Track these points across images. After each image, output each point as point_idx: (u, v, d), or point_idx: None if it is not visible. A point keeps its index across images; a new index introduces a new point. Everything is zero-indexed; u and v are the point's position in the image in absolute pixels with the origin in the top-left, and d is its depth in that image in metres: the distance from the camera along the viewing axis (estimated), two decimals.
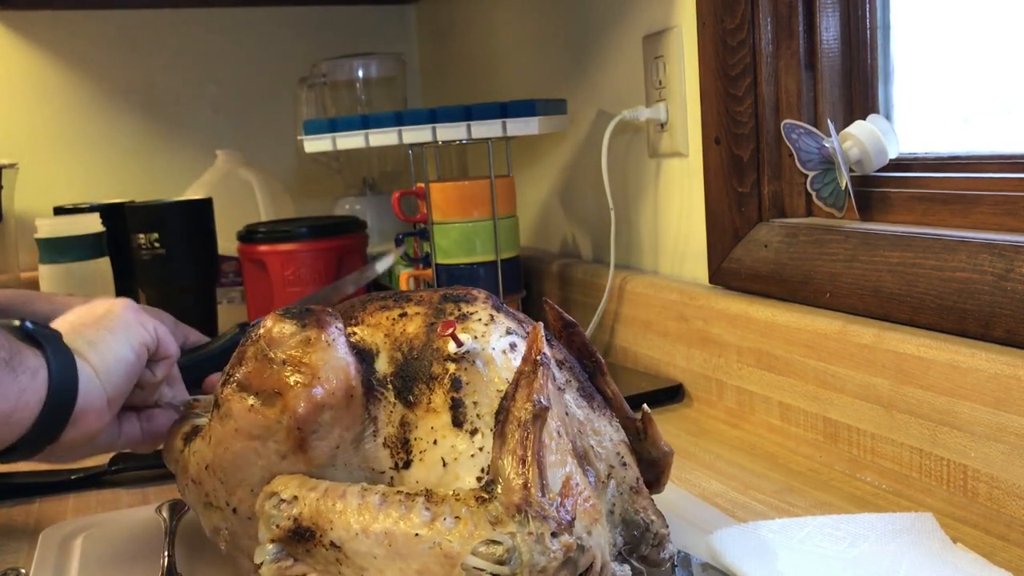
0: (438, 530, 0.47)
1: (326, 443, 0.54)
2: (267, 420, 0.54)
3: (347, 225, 1.38)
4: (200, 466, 0.59)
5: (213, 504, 0.58)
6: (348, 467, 0.55)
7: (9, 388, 0.57)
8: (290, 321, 0.57)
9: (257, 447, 0.55)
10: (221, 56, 1.75)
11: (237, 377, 0.56)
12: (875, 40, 0.91)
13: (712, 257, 1.02)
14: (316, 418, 0.54)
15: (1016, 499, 0.65)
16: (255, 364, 0.56)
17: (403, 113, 1.12)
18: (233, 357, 0.58)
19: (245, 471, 0.55)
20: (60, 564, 0.69)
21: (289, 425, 0.54)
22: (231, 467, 0.56)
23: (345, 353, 0.56)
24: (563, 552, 0.47)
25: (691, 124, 1.05)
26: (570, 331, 0.64)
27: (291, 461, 0.54)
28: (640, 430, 0.62)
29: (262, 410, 0.54)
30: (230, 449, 0.56)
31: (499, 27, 1.52)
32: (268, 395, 0.54)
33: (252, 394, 0.55)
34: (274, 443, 0.54)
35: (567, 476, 0.51)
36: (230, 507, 0.57)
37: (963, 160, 0.83)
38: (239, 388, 0.56)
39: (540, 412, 0.49)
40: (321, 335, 0.56)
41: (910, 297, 0.76)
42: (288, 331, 0.56)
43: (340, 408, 0.54)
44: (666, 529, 0.58)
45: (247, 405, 0.55)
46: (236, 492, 0.56)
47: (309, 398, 0.54)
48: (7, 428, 0.58)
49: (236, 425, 0.55)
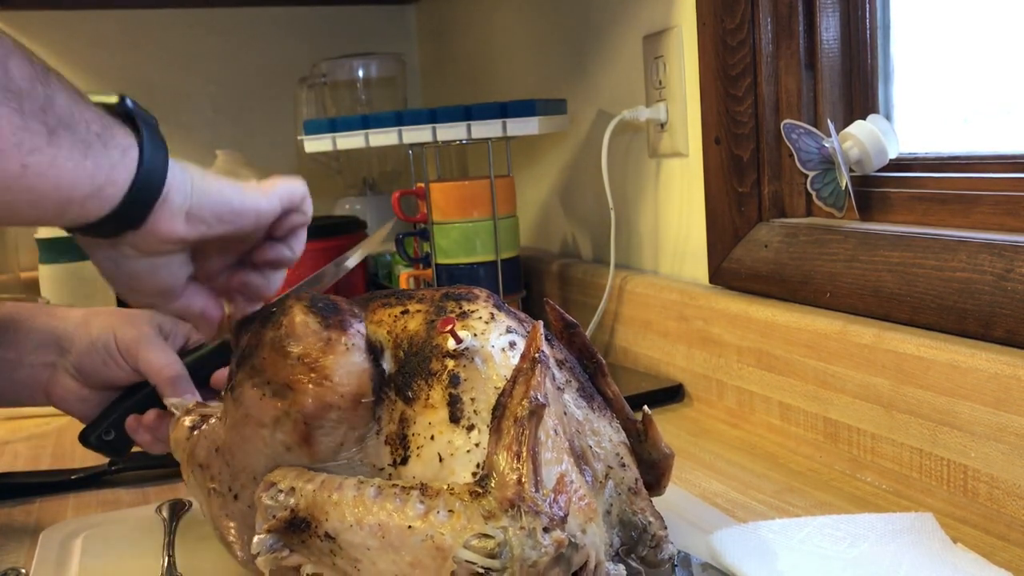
0: (431, 523, 0.48)
1: (331, 439, 0.55)
2: (276, 411, 0.55)
3: (347, 225, 1.38)
4: (210, 448, 0.60)
5: (216, 490, 0.59)
6: (351, 463, 0.55)
7: (101, 161, 0.55)
8: (315, 317, 0.57)
9: (265, 435, 0.55)
10: (221, 56, 1.75)
11: (253, 362, 0.57)
12: (875, 40, 0.91)
13: (712, 257, 1.02)
14: (323, 416, 0.54)
15: (1016, 499, 0.65)
16: (271, 354, 0.56)
17: (403, 113, 1.12)
18: (251, 333, 0.59)
19: (252, 457, 0.56)
20: (60, 564, 0.69)
21: (296, 419, 0.54)
22: (239, 451, 0.57)
23: (362, 359, 0.56)
24: (554, 547, 0.47)
25: (691, 124, 1.05)
26: (571, 331, 0.64)
27: (296, 453, 0.55)
28: (641, 431, 0.62)
29: (272, 401, 0.55)
30: (240, 432, 0.57)
31: (499, 27, 1.52)
32: (279, 387, 0.55)
33: (265, 382, 0.56)
34: (281, 433, 0.55)
35: (562, 473, 0.51)
36: (232, 493, 0.58)
37: (963, 160, 0.83)
38: (252, 373, 0.57)
39: (536, 409, 0.49)
40: (342, 338, 0.56)
41: (910, 297, 0.76)
42: (312, 327, 0.56)
43: (348, 410, 0.55)
44: (664, 531, 0.58)
45: (259, 393, 0.56)
46: (239, 477, 0.57)
47: (318, 397, 0.54)
48: (96, 201, 0.56)
49: (247, 411, 0.56)
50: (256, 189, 0.65)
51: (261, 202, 0.64)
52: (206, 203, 0.60)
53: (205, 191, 0.61)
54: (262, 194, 0.64)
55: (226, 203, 0.62)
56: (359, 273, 1.37)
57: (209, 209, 0.61)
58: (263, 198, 0.64)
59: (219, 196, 0.61)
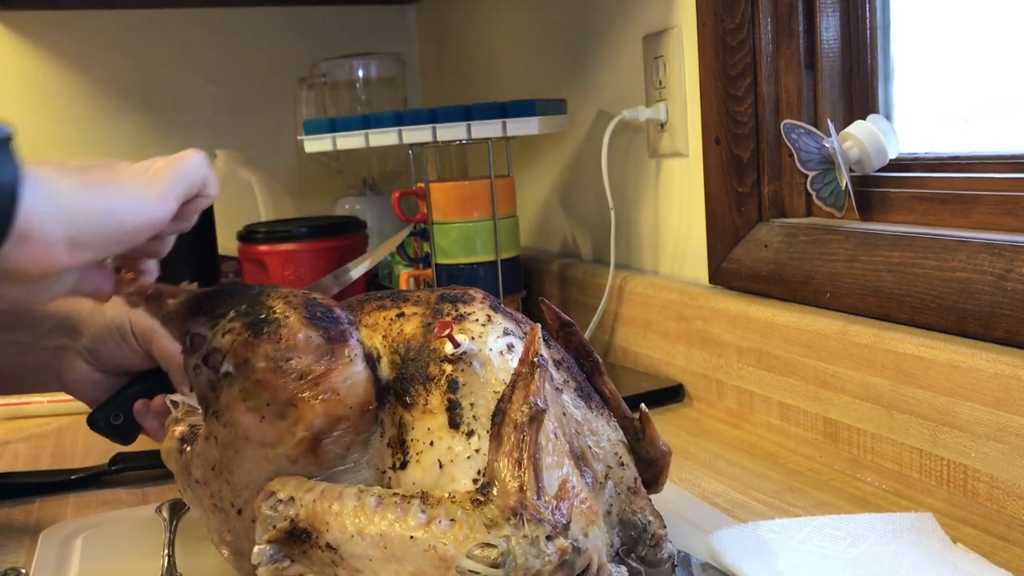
0: (433, 532, 0.47)
1: (338, 447, 0.54)
2: (279, 430, 0.53)
3: (347, 225, 1.38)
4: (206, 467, 0.58)
5: (218, 506, 0.58)
6: (357, 465, 0.55)
7: None
8: (316, 330, 0.55)
9: (267, 453, 0.54)
10: (221, 56, 1.75)
11: (244, 383, 0.54)
12: (875, 40, 0.91)
13: (712, 257, 1.02)
14: (333, 430, 0.53)
15: (1016, 499, 0.65)
16: (269, 374, 0.54)
17: (403, 113, 1.12)
18: (239, 344, 0.55)
19: (254, 473, 0.55)
20: (60, 564, 0.69)
21: (303, 437, 0.53)
22: (239, 470, 0.55)
23: (364, 367, 0.55)
24: (558, 556, 0.47)
25: (691, 124, 1.05)
26: (567, 331, 0.64)
27: (302, 465, 0.54)
28: (638, 430, 0.62)
29: (274, 421, 0.53)
30: (239, 453, 0.55)
31: (499, 27, 1.52)
32: (282, 407, 0.53)
33: (263, 404, 0.54)
34: (284, 449, 0.54)
35: (563, 478, 0.51)
36: (235, 508, 0.56)
37: (963, 160, 0.83)
38: (244, 395, 0.54)
39: (536, 414, 0.49)
40: (345, 349, 0.55)
41: (910, 297, 0.76)
42: (315, 342, 0.54)
43: (356, 421, 0.54)
44: (664, 529, 0.58)
45: (257, 417, 0.54)
46: (242, 493, 0.56)
47: (327, 413, 0.53)
48: None
49: (245, 434, 0.54)
50: (149, 189, 0.56)
51: (156, 212, 0.56)
52: (92, 227, 0.53)
53: (89, 213, 0.53)
54: (157, 197, 0.56)
55: (116, 224, 0.54)
56: None
57: (97, 234, 0.53)
58: (157, 204, 0.56)
59: (107, 217, 0.54)
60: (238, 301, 0.58)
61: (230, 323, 0.57)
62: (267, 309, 0.56)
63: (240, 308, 0.57)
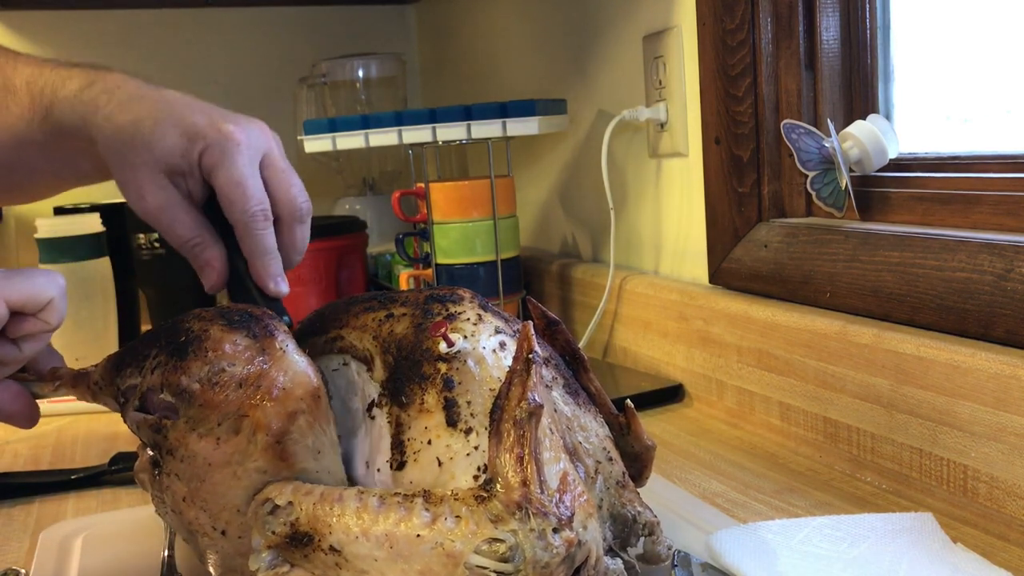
0: (439, 530, 0.47)
1: (305, 443, 0.54)
2: (238, 446, 0.53)
3: (347, 225, 1.38)
4: (177, 499, 0.56)
5: (200, 531, 0.56)
6: (331, 474, 0.55)
7: None
8: (239, 333, 0.55)
9: (235, 471, 0.53)
10: (221, 56, 1.75)
11: (188, 413, 0.53)
12: (875, 40, 0.91)
13: (712, 257, 1.02)
14: (291, 426, 0.53)
15: (1016, 499, 0.65)
16: (208, 393, 0.53)
17: (403, 113, 1.12)
18: (168, 372, 0.54)
19: (228, 495, 0.54)
20: (60, 564, 0.69)
21: (265, 443, 0.53)
22: (211, 496, 0.54)
23: (299, 354, 0.55)
24: (565, 547, 0.47)
25: (691, 124, 1.05)
26: (553, 329, 0.64)
27: (273, 471, 0.53)
28: (623, 425, 0.62)
29: (230, 439, 0.53)
30: (206, 481, 0.54)
31: (499, 27, 1.52)
32: (233, 421, 0.53)
33: (214, 425, 0.53)
34: (251, 461, 0.53)
35: (563, 472, 0.51)
36: (218, 531, 0.55)
37: (963, 160, 0.83)
38: (192, 425, 0.53)
39: (535, 410, 0.49)
40: (274, 343, 0.55)
41: (910, 297, 0.76)
42: (242, 344, 0.54)
43: (312, 411, 0.54)
44: (655, 518, 0.58)
45: (212, 441, 0.53)
46: (221, 516, 0.55)
47: (279, 411, 0.53)
48: None
49: (206, 461, 0.53)
50: None
51: None
52: None
53: None
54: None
55: None
56: (359, 273, 1.37)
57: None
58: None
59: None
60: (156, 338, 0.58)
61: (155, 359, 0.56)
62: (185, 331, 0.56)
63: (159, 343, 0.57)
